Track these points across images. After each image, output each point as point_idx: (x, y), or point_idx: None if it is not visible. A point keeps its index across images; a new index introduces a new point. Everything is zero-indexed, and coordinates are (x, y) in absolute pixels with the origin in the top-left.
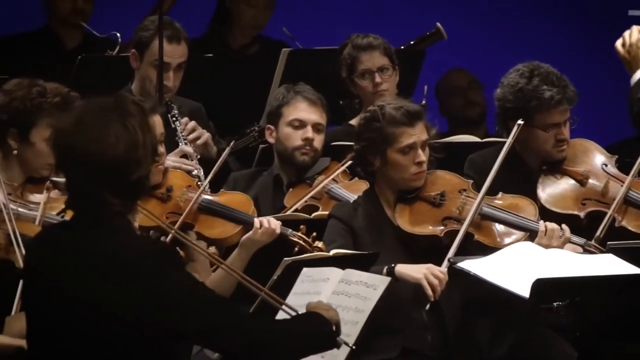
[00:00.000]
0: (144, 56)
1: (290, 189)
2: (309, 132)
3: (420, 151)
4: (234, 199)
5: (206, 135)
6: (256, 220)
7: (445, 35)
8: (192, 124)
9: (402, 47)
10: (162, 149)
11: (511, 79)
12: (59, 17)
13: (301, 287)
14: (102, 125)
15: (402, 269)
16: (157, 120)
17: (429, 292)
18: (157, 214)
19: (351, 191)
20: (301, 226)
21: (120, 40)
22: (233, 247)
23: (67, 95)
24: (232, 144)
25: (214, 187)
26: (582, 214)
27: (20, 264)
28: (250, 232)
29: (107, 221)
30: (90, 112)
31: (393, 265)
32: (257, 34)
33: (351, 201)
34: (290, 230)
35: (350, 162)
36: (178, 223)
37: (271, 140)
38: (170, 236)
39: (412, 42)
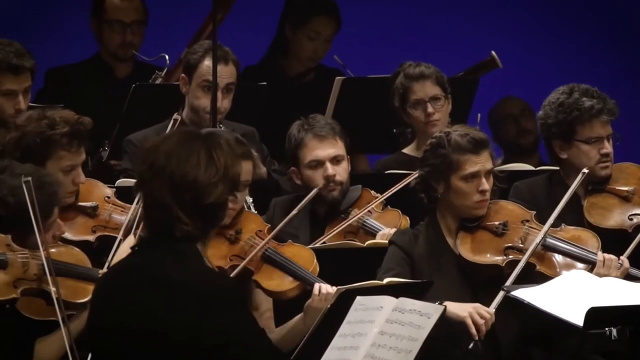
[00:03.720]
0: (192, 79)
1: (328, 225)
2: (328, 170)
3: (484, 179)
4: (299, 253)
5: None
6: (315, 286)
7: (500, 63)
8: None
9: (457, 76)
10: (242, 195)
11: (551, 98)
12: (109, 51)
13: (354, 315)
14: (188, 147)
15: (449, 306)
16: (247, 167)
17: (473, 331)
18: (222, 255)
19: (384, 222)
20: None
21: (168, 61)
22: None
23: (76, 122)
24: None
25: (259, 209)
26: (629, 229)
27: (53, 294)
28: (310, 300)
29: (176, 242)
30: (182, 135)
31: (441, 302)
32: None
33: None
34: None
35: (384, 198)
36: (239, 268)
37: (298, 182)
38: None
39: (466, 71)
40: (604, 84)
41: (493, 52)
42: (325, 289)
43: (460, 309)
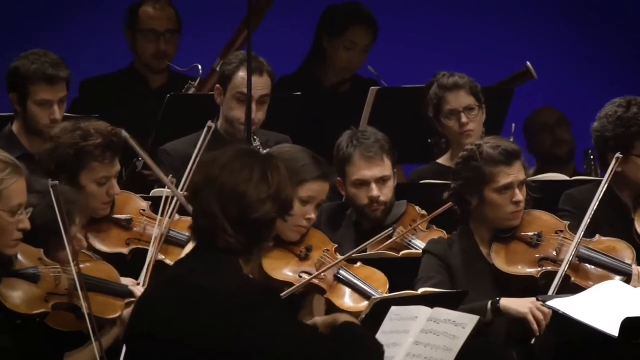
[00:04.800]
0: (226, 90)
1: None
2: (373, 191)
3: (517, 190)
4: (372, 276)
5: None
6: None
7: (535, 74)
8: None
9: (491, 86)
10: (313, 214)
11: (608, 110)
12: (143, 62)
13: (389, 325)
14: (244, 162)
15: (508, 303)
16: (323, 188)
17: (535, 326)
18: (292, 270)
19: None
20: None
21: (201, 71)
22: None
23: (110, 133)
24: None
25: None
26: None
27: (84, 309)
28: None
29: (218, 253)
30: (240, 150)
31: (498, 299)
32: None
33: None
34: None
35: (431, 217)
36: (307, 280)
37: (343, 193)
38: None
39: (501, 82)
40: None
41: (528, 63)
42: None
43: (521, 306)
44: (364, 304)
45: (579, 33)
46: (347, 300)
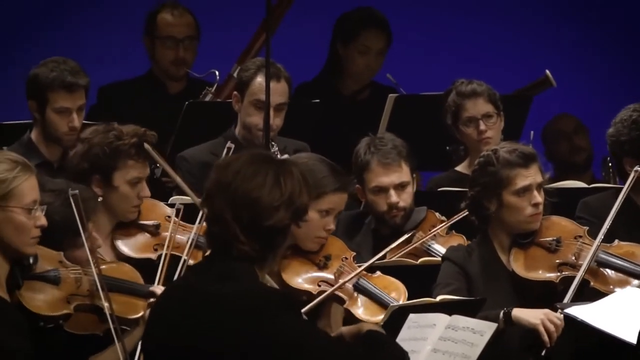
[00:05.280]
0: (244, 96)
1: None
2: (392, 197)
3: (535, 192)
4: (391, 286)
5: None
6: None
7: (554, 82)
8: None
9: (511, 94)
10: (332, 225)
11: (623, 115)
12: (162, 69)
13: (407, 333)
14: (257, 167)
15: (519, 313)
16: (341, 198)
17: (545, 338)
18: (311, 280)
19: (448, 247)
20: None
21: (218, 77)
22: None
23: (144, 135)
24: None
25: None
26: None
27: (106, 309)
28: None
29: (232, 260)
30: (253, 156)
31: (509, 309)
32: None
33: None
34: None
35: (450, 222)
36: (327, 293)
37: (362, 199)
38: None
39: (520, 89)
40: None
41: (547, 71)
42: None
43: (532, 316)
44: (383, 314)
45: (597, 41)
46: (366, 310)
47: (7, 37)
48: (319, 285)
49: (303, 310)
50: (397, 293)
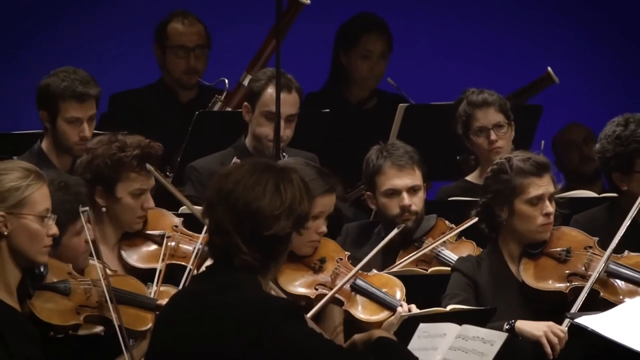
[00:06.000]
0: (255, 107)
1: (401, 251)
2: (404, 200)
3: (547, 202)
4: (388, 283)
5: None
6: (400, 307)
7: (556, 79)
8: None
9: (514, 92)
10: (324, 227)
11: (607, 130)
12: (174, 78)
13: (418, 342)
14: (257, 177)
15: (523, 325)
16: (330, 200)
17: (548, 350)
18: (308, 284)
19: (459, 253)
20: None
21: (227, 85)
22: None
23: (147, 146)
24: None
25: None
26: None
27: (115, 320)
28: (393, 317)
29: (235, 271)
30: (254, 164)
31: (513, 321)
32: (375, 88)
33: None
34: None
35: (460, 229)
36: (327, 297)
37: (373, 206)
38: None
39: (523, 87)
40: None
41: (549, 68)
42: (408, 310)
43: (535, 328)
44: (383, 313)
45: (610, 51)
46: (365, 310)
47: (17, 46)
48: (316, 289)
49: (308, 315)
50: (394, 289)
